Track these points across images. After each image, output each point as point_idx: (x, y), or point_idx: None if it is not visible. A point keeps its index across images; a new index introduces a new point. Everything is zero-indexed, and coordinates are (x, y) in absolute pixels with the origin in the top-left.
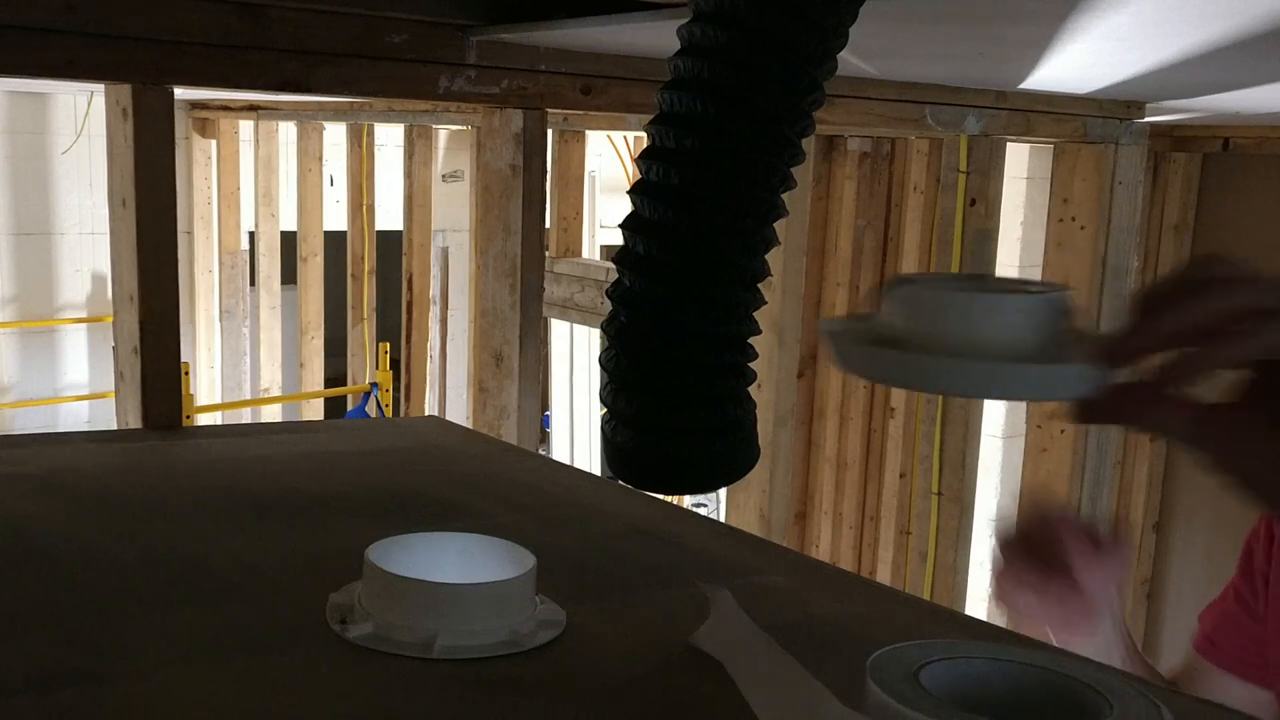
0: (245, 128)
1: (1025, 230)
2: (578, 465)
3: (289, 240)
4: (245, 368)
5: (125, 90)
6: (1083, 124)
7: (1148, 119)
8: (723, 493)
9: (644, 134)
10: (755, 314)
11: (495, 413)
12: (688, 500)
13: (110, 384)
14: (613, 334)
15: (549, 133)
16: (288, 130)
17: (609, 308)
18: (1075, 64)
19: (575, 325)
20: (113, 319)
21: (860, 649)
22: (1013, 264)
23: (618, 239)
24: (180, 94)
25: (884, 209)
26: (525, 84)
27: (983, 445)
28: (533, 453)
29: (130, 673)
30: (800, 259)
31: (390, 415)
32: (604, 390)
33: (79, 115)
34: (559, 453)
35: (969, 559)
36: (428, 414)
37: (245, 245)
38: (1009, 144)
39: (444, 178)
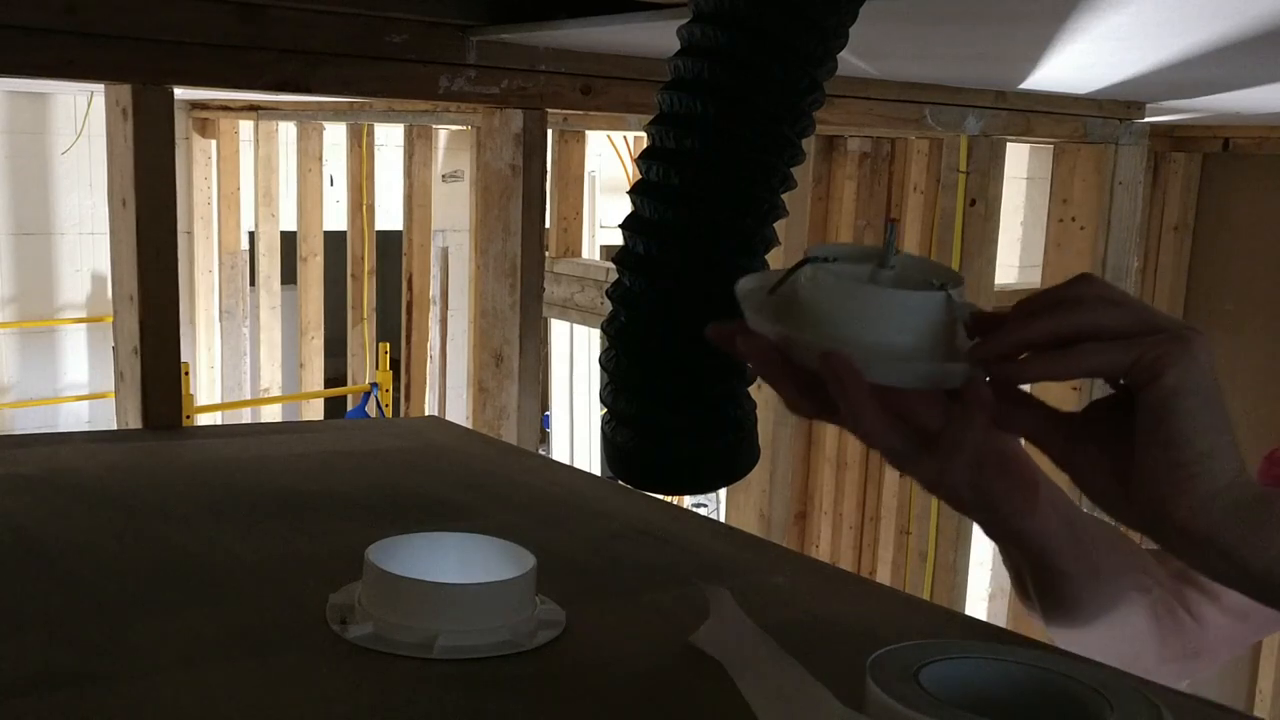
0: (245, 128)
1: (1025, 230)
2: (578, 465)
3: (289, 240)
4: (245, 368)
5: (125, 90)
6: (1083, 124)
7: (1148, 119)
8: (723, 493)
9: (644, 134)
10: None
11: (495, 413)
12: (688, 500)
13: (110, 384)
14: (613, 334)
15: (549, 133)
16: (288, 130)
17: (609, 308)
18: (1075, 64)
19: (575, 325)
20: (113, 319)
21: (860, 649)
22: (1013, 264)
23: (618, 239)
24: (180, 94)
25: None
26: (525, 84)
27: None
28: (533, 453)
29: (130, 673)
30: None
31: (390, 415)
32: (604, 390)
33: (79, 115)
34: (559, 453)
35: (969, 559)
36: (428, 414)
37: (245, 245)
38: (1009, 144)
39: (444, 178)
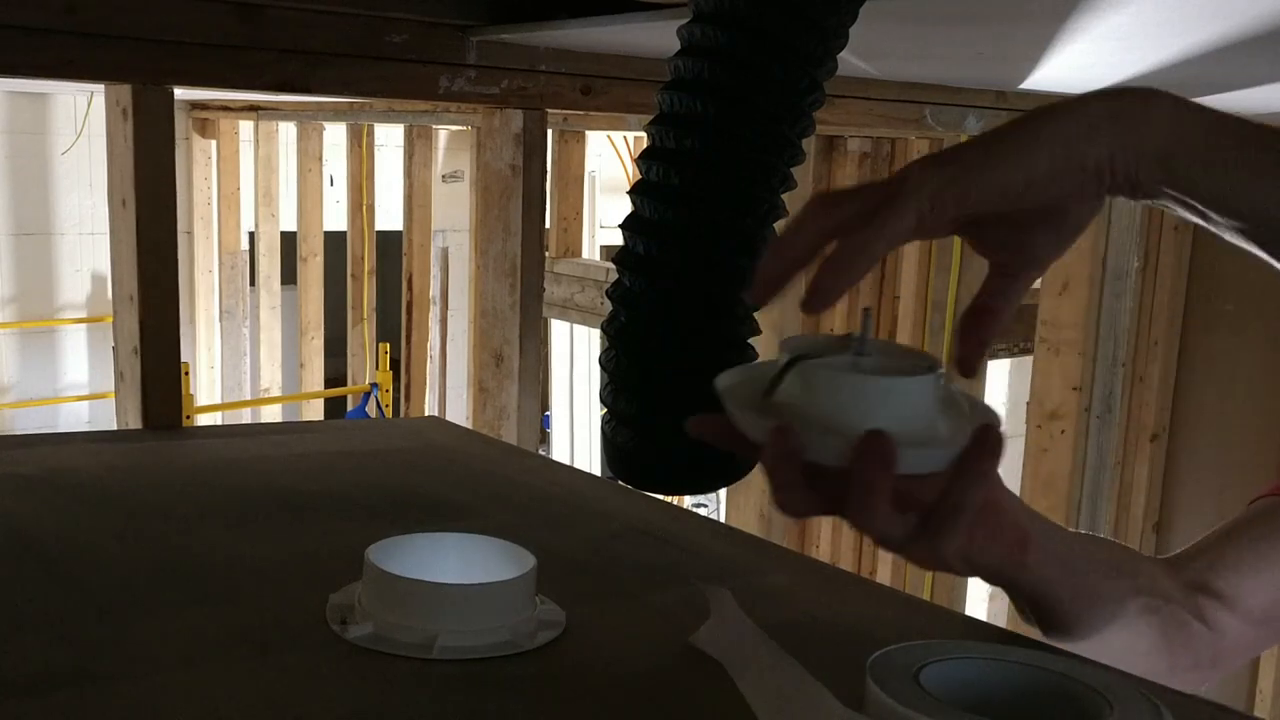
0: (245, 128)
1: None
2: (578, 465)
3: (289, 240)
4: (245, 368)
5: (125, 90)
6: None
7: None
8: (723, 493)
9: (644, 134)
10: (755, 314)
11: (495, 413)
12: (688, 500)
13: (110, 384)
14: (613, 334)
15: (549, 133)
16: (288, 130)
17: (609, 308)
18: (1075, 64)
19: (575, 325)
20: (113, 319)
21: (860, 649)
22: None
23: (618, 239)
24: (180, 94)
25: None
26: (525, 84)
27: None
28: (533, 453)
29: (130, 673)
30: None
31: (390, 415)
32: (604, 390)
33: (79, 115)
34: (559, 453)
35: None
36: (428, 414)
37: (245, 245)
38: None
39: (444, 178)
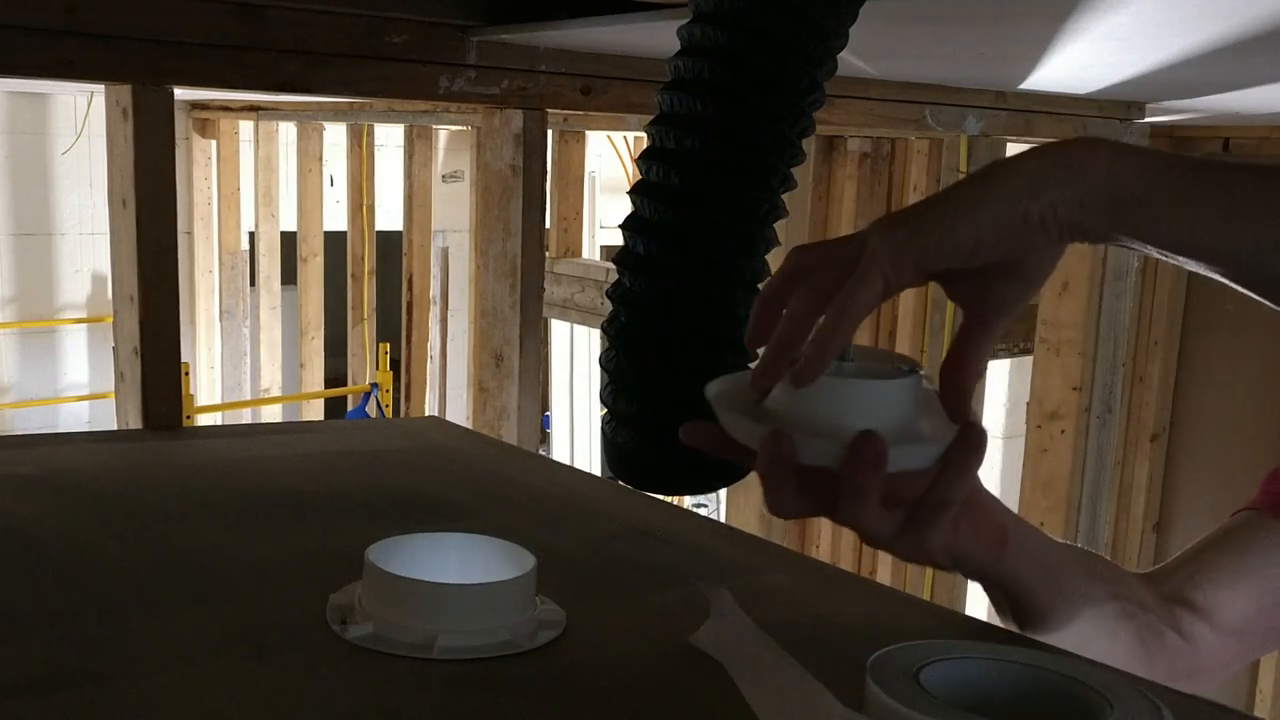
0: (245, 128)
1: None
2: (578, 465)
3: (289, 240)
4: (245, 368)
5: (125, 90)
6: (1083, 124)
7: (1148, 119)
8: (723, 493)
9: (644, 134)
10: None
11: (495, 413)
12: (688, 500)
13: (110, 384)
14: (613, 334)
15: (549, 133)
16: (288, 130)
17: (609, 308)
18: (1075, 64)
19: (575, 325)
20: (113, 319)
21: (860, 649)
22: None
23: (618, 239)
24: (180, 94)
25: (884, 209)
26: (525, 84)
27: None
28: (533, 453)
29: (130, 673)
30: None
31: (390, 415)
32: (604, 390)
33: (79, 115)
34: (559, 453)
35: None
36: (428, 414)
37: (245, 245)
38: (1009, 144)
39: (444, 178)
